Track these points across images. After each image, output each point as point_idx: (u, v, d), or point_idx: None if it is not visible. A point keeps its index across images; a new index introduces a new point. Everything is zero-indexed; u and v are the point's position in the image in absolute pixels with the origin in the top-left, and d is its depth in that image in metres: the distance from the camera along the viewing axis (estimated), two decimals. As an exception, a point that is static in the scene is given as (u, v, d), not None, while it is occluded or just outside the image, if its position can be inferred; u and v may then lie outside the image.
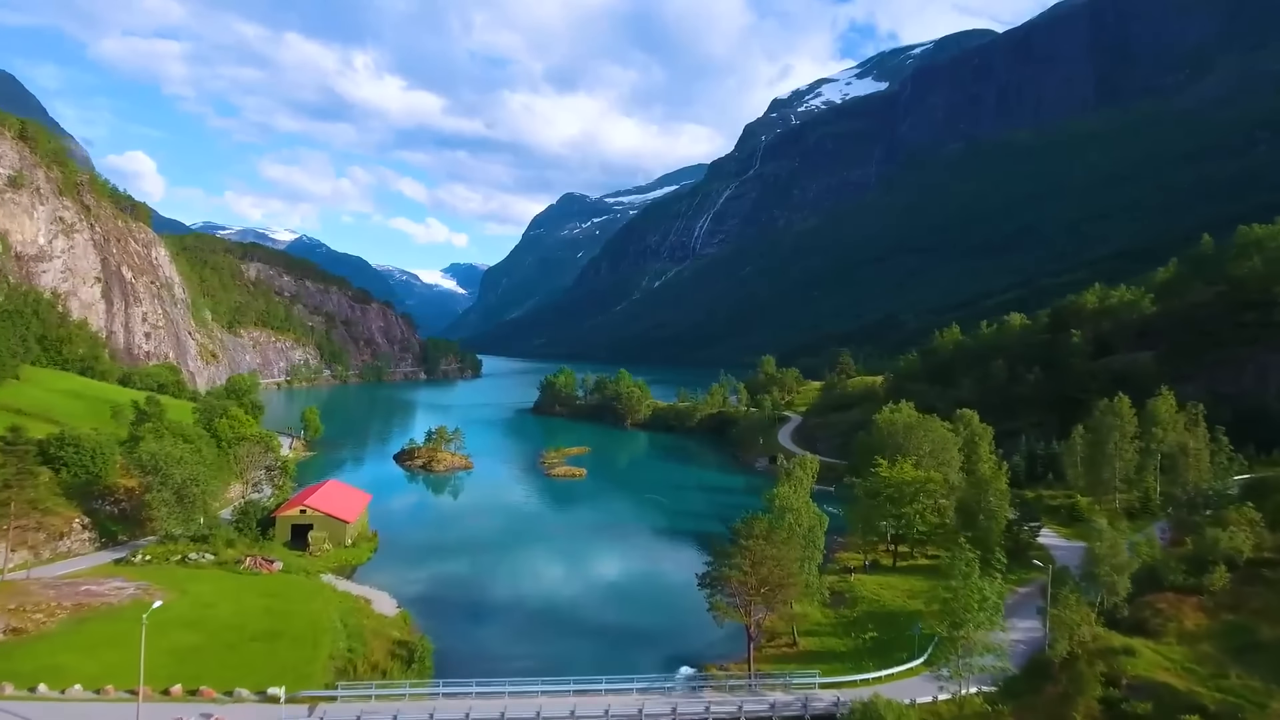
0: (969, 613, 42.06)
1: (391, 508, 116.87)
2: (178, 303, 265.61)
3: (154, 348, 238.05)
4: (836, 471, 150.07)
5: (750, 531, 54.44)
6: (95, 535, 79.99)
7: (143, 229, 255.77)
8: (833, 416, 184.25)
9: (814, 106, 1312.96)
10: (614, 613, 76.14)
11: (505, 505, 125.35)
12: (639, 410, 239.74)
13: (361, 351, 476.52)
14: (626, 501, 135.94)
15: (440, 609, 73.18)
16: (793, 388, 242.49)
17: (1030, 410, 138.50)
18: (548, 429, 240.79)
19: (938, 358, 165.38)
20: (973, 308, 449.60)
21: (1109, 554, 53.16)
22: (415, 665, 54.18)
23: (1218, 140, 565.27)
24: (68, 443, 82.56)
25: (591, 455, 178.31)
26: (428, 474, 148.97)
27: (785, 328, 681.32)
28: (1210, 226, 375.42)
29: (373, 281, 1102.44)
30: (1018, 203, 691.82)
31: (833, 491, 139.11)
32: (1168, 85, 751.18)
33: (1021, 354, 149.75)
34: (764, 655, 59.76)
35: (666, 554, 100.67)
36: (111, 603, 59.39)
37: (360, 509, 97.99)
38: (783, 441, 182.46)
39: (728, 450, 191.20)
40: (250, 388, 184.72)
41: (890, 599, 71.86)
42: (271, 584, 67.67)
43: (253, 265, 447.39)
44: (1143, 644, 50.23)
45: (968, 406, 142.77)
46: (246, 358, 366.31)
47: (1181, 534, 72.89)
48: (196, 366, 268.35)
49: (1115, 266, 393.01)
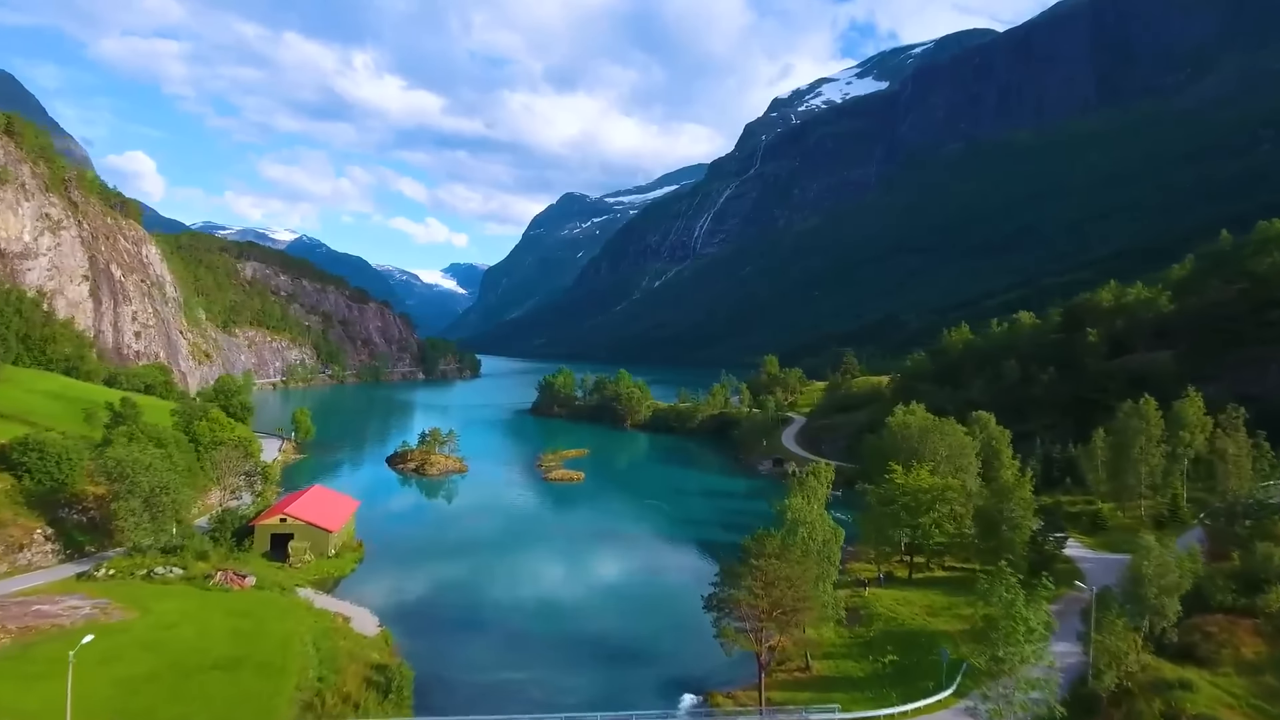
0: (1013, 646, 37.13)
1: (380, 514, 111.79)
2: (169, 301, 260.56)
3: (144, 347, 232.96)
4: (844, 475, 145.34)
5: (761, 549, 49.48)
6: (59, 547, 74.94)
7: (133, 226, 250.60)
8: (838, 418, 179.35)
9: (814, 106, 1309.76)
10: (611, 630, 71.15)
11: (499, 511, 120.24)
12: (639, 411, 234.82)
13: (359, 351, 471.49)
14: (626, 506, 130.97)
15: (425, 626, 68.25)
16: (796, 388, 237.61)
17: (1044, 412, 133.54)
18: (546, 430, 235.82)
19: (947, 358, 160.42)
20: (974, 307, 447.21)
21: (1158, 573, 48.21)
22: (393, 695, 49.23)
23: (1219, 140, 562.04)
24: (31, 447, 77.57)
25: (590, 458, 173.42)
26: (420, 478, 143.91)
27: (785, 328, 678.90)
28: (1212, 226, 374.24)
29: (373, 281, 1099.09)
30: (1018, 203, 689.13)
31: (839, 496, 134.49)
32: (1169, 85, 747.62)
33: (1034, 354, 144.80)
34: (775, 680, 54.83)
35: (668, 565, 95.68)
36: (63, 624, 54.46)
37: (346, 516, 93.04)
38: (786, 443, 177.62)
39: (730, 452, 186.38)
40: (240, 388, 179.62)
41: (908, 616, 66.92)
42: (242, 601, 62.70)
43: (249, 264, 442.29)
44: (1198, 674, 45.33)
45: (979, 408, 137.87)
46: (242, 358, 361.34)
47: (1220, 546, 68.02)
48: (189, 366, 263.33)
49: (1118, 266, 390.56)
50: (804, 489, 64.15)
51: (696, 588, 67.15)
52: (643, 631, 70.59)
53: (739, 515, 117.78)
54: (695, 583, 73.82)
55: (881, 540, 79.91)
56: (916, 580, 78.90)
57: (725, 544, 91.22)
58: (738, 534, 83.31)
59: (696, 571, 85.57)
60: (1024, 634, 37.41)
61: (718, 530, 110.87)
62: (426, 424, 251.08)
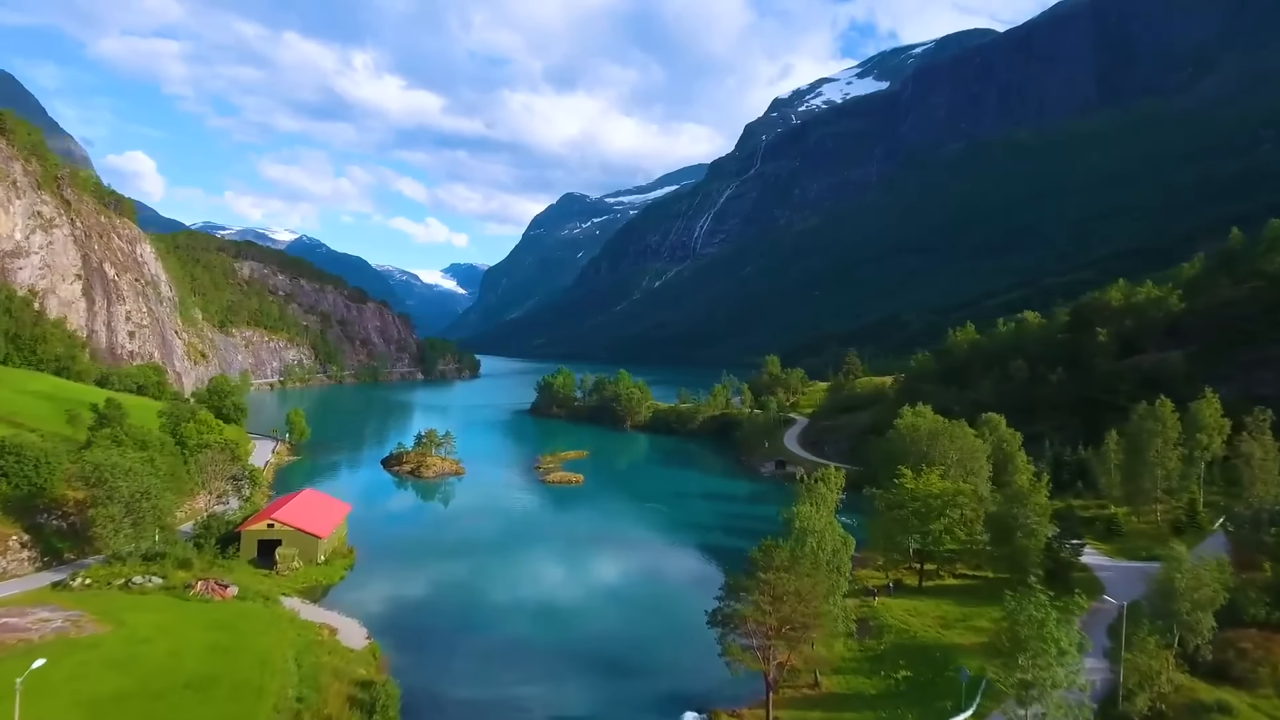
0: (1044, 670, 34.25)
1: (374, 518, 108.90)
2: (164, 301, 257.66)
3: (138, 347, 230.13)
4: (849, 479, 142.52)
5: (769, 562, 46.56)
6: (37, 554, 72.10)
7: (127, 225, 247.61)
8: (841, 419, 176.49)
9: (815, 106, 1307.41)
10: (610, 639, 68.32)
11: (495, 514, 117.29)
12: (639, 412, 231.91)
13: (357, 351, 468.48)
14: (626, 510, 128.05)
15: (416, 637, 65.39)
16: (798, 389, 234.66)
17: (1053, 413, 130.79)
18: (545, 431, 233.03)
19: (952, 358, 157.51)
20: (975, 307, 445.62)
21: (1191, 586, 45.31)
22: (377, 716, 46.32)
23: (1220, 140, 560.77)
24: (8, 451, 74.63)
25: (589, 459, 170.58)
26: (416, 480, 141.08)
27: (786, 328, 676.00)
28: (1214, 226, 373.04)
29: (373, 281, 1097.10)
30: (1019, 202, 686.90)
31: (843, 500, 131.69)
32: (1170, 85, 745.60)
33: (1041, 354, 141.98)
34: (783, 698, 51.88)
35: (669, 571, 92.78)
36: (31, 639, 51.56)
37: (337, 521, 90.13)
38: (789, 445, 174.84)
39: (731, 454, 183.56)
40: (233, 389, 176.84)
41: (920, 628, 64.04)
42: (222, 613, 59.79)
43: (246, 264, 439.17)
44: (1235, 696, 42.51)
45: (986, 409, 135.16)
46: (239, 358, 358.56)
47: (1246, 555, 65.15)
48: (184, 367, 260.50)
49: (1120, 266, 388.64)
50: (812, 495, 61.22)
51: (699, 596, 64.39)
52: (643, 641, 67.75)
53: (742, 519, 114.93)
54: (698, 590, 71.01)
55: (890, 547, 77.12)
56: (927, 589, 76.00)
57: (729, 549, 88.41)
58: (741, 539, 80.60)
59: (699, 578, 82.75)
60: (1055, 656, 34.53)
61: (720, 535, 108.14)
62: (424, 425, 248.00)
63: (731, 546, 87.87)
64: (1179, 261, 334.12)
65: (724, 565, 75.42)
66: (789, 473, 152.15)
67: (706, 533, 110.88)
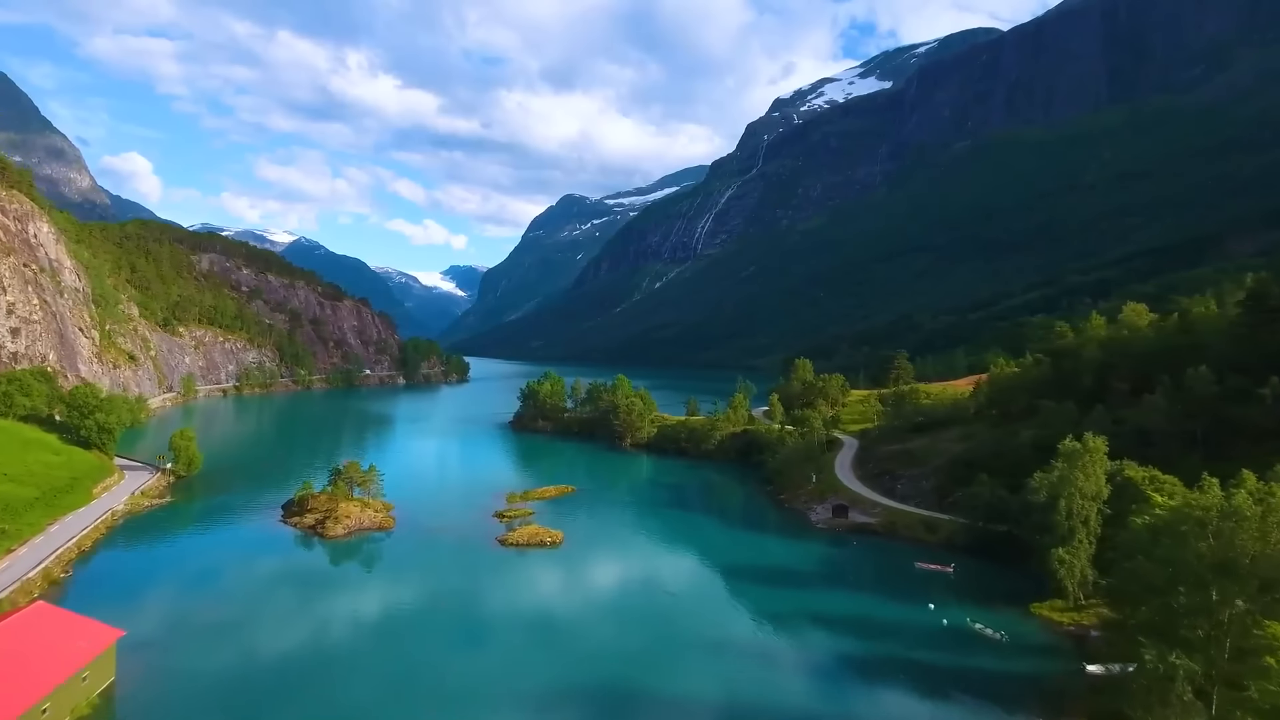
0: None
1: (205, 631, 65.06)
2: (65, 292, 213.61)
3: (23, 347, 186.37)
4: (943, 534, 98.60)
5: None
6: None
7: (16, 198, 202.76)
8: (913, 443, 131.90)
9: (817, 105, 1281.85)
10: None
11: (409, 619, 73.26)
12: (641, 427, 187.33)
13: (331, 354, 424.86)
14: (622, 609, 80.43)
15: None
16: (838, 399, 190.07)
17: (1268, 438, 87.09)
18: (525, 452, 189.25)
19: (1079, 361, 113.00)
20: (994, 307, 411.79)
21: None
22: None
23: (1236, 136, 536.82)
24: None
25: (575, 497, 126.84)
26: (319, 539, 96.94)
27: (789, 329, 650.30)
28: (1234, 223, 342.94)
29: (372, 283, 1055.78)
30: (1030, 200, 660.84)
31: (951, 572, 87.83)
32: (1183, 81, 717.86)
33: (1227, 354, 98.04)
34: None
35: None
36: None
37: (63, 675, 46.57)
38: (841, 477, 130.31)
39: (760, 484, 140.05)
40: (101, 404, 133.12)
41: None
42: None
43: (205, 256, 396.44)
44: None
45: (1149, 434, 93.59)
46: (186, 360, 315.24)
47: None
48: (94, 371, 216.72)
49: (1149, 263, 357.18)
50: None
51: None
52: None
53: (817, 623, 71.76)
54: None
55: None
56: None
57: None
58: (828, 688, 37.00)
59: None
60: None
61: (799, 677, 63.51)
62: (378, 443, 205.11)
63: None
64: (1212, 258, 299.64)
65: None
66: (855, 523, 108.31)
67: (767, 668, 65.96)
